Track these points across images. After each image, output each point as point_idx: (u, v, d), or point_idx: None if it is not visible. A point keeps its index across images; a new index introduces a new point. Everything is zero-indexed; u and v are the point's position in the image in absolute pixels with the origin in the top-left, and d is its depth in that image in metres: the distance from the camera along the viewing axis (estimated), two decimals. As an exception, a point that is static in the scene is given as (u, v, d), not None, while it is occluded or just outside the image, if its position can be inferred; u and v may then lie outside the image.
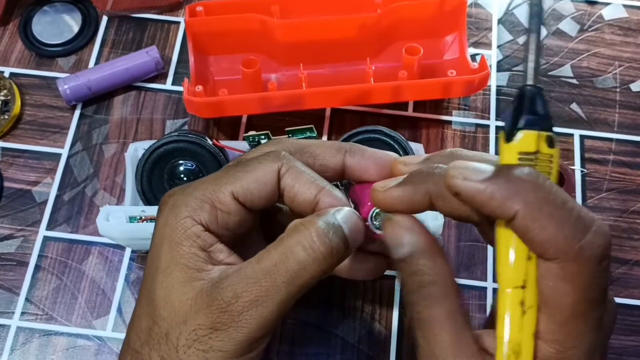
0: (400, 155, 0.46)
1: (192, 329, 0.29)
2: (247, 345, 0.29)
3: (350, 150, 0.33)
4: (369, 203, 0.31)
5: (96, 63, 0.57)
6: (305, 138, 0.41)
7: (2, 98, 0.54)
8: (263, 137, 0.42)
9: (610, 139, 0.54)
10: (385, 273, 0.49)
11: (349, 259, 0.35)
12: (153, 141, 0.47)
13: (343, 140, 0.47)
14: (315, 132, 0.40)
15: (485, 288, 0.49)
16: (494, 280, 0.49)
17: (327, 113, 0.55)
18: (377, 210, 0.31)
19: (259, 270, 0.29)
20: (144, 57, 0.55)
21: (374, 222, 0.32)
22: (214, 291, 0.29)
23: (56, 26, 0.58)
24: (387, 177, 0.33)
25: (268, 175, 0.31)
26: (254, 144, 0.42)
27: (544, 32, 0.59)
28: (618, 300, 0.48)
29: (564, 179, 0.49)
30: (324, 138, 0.54)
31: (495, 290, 0.49)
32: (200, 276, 0.29)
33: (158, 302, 0.30)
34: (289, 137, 0.41)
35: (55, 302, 0.48)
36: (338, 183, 0.44)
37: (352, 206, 0.35)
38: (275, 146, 0.33)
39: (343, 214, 0.30)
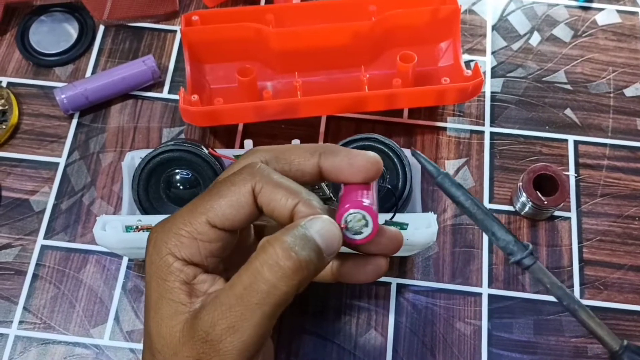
0: (394, 158, 0.47)
1: None
2: None
3: (324, 152, 0.32)
4: (346, 206, 0.31)
5: (93, 72, 0.57)
6: None
7: (0, 108, 0.54)
8: None
9: (604, 144, 0.55)
10: (380, 280, 0.49)
11: (347, 263, 0.35)
12: (150, 150, 0.47)
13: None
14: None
15: (480, 294, 0.49)
16: (489, 286, 0.49)
17: (323, 120, 0.55)
18: (349, 217, 0.31)
19: (232, 296, 0.29)
20: (141, 66, 0.55)
21: (348, 227, 0.31)
22: (194, 322, 0.29)
23: (53, 35, 0.58)
24: (361, 177, 0.32)
25: (242, 197, 0.31)
26: None
27: (538, 38, 0.59)
28: (613, 305, 0.49)
29: (558, 185, 0.49)
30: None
31: (490, 296, 0.49)
32: (184, 309, 0.30)
33: (153, 336, 0.31)
34: None
35: (53, 311, 0.48)
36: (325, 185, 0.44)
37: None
38: (251, 157, 0.33)
39: (315, 223, 0.30)
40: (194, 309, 0.30)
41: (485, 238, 0.51)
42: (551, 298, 0.49)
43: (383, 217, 0.41)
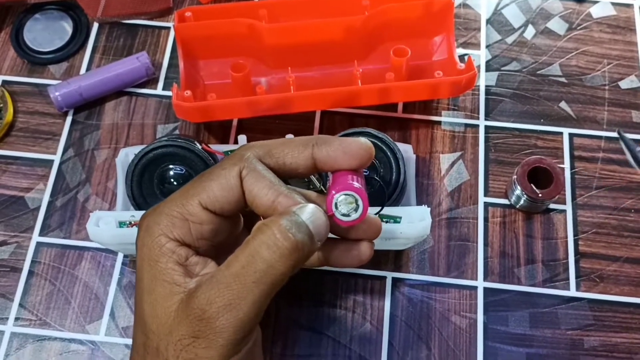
0: (387, 152, 0.47)
1: (177, 339, 0.30)
2: (230, 348, 0.30)
3: (317, 142, 0.33)
4: (337, 188, 0.32)
5: (87, 69, 0.57)
6: None
7: (-5, 106, 0.54)
8: None
9: (600, 137, 0.54)
10: (376, 274, 0.49)
11: (334, 249, 0.35)
12: (144, 146, 0.47)
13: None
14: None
15: (475, 287, 0.49)
16: (485, 279, 0.49)
17: (317, 115, 0.55)
18: (340, 198, 0.32)
19: (229, 275, 0.30)
20: (135, 63, 0.55)
21: (338, 210, 0.32)
22: (190, 301, 0.30)
23: (48, 33, 0.58)
24: (356, 164, 0.33)
25: (231, 179, 0.32)
26: None
27: (532, 31, 0.59)
28: (609, 297, 0.49)
29: (552, 177, 0.49)
30: (314, 140, 0.54)
31: (485, 289, 0.49)
32: (179, 289, 0.31)
33: (147, 318, 0.31)
34: None
35: (48, 308, 0.48)
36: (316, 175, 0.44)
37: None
38: (243, 151, 0.33)
39: (306, 210, 0.31)
40: (189, 289, 0.31)
41: (481, 231, 0.51)
42: (546, 290, 0.49)
43: (372, 210, 0.40)
